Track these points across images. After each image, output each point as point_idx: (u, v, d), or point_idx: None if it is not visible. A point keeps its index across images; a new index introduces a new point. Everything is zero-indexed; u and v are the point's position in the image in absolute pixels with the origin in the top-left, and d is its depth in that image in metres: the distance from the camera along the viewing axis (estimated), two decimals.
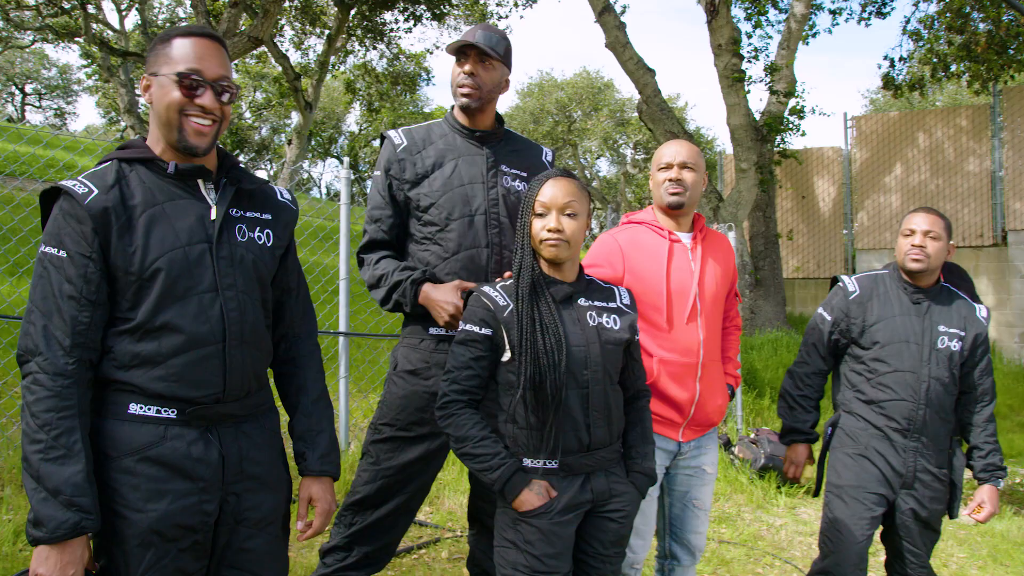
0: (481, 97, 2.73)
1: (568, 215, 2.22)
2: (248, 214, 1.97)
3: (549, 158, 2.97)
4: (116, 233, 1.78)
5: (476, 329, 2.21)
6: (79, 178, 1.82)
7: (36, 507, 1.68)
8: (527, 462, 2.21)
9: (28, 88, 37.04)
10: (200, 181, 1.91)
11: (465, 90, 2.71)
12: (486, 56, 2.70)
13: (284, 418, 2.16)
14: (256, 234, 1.97)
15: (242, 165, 2.03)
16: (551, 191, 2.23)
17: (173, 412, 1.81)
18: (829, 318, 3.18)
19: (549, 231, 2.21)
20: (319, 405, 2.11)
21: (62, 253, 1.77)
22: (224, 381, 1.85)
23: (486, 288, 2.27)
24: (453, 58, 2.77)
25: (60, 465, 1.68)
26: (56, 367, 1.72)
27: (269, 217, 2.02)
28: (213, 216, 1.88)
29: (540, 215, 2.24)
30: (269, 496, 1.97)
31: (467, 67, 2.70)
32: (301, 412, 2.10)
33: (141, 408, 1.80)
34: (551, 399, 2.15)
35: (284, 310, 2.10)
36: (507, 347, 2.20)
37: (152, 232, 1.80)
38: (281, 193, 2.10)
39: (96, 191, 1.79)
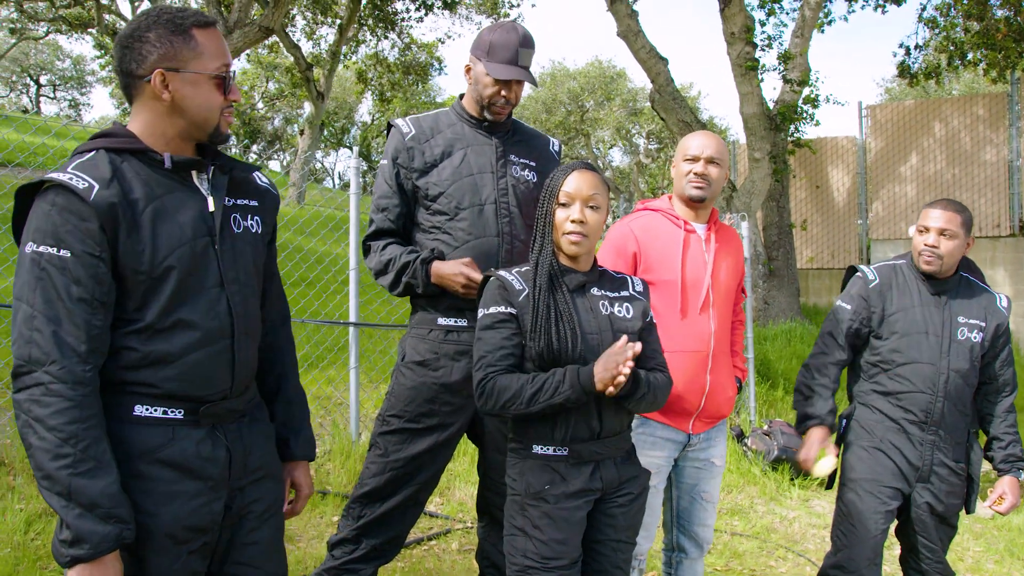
0: (511, 111, 2.74)
1: (591, 207, 2.23)
2: (239, 202, 1.88)
3: (556, 148, 2.95)
4: (124, 231, 1.66)
5: (501, 309, 2.20)
6: (68, 169, 1.67)
7: (73, 525, 1.56)
8: (536, 448, 2.21)
9: (43, 79, 37.22)
10: (193, 171, 1.80)
11: (499, 109, 2.71)
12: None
13: None
14: (249, 223, 1.89)
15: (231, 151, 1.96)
16: (576, 182, 2.23)
17: (180, 412, 1.74)
18: (849, 307, 3.08)
19: (573, 222, 2.21)
20: (298, 391, 2.09)
21: (64, 252, 1.61)
22: (232, 376, 1.80)
23: (502, 272, 2.27)
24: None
25: (92, 478, 1.57)
26: (74, 375, 1.59)
27: (256, 204, 1.93)
28: (211, 208, 1.79)
29: (564, 204, 2.23)
30: (271, 486, 1.94)
31: (510, 95, 2.69)
32: (283, 399, 2.05)
33: (147, 410, 1.71)
34: None
35: (267, 296, 2.02)
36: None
37: (159, 228, 1.70)
38: (260, 177, 1.99)
39: (96, 185, 1.64)
